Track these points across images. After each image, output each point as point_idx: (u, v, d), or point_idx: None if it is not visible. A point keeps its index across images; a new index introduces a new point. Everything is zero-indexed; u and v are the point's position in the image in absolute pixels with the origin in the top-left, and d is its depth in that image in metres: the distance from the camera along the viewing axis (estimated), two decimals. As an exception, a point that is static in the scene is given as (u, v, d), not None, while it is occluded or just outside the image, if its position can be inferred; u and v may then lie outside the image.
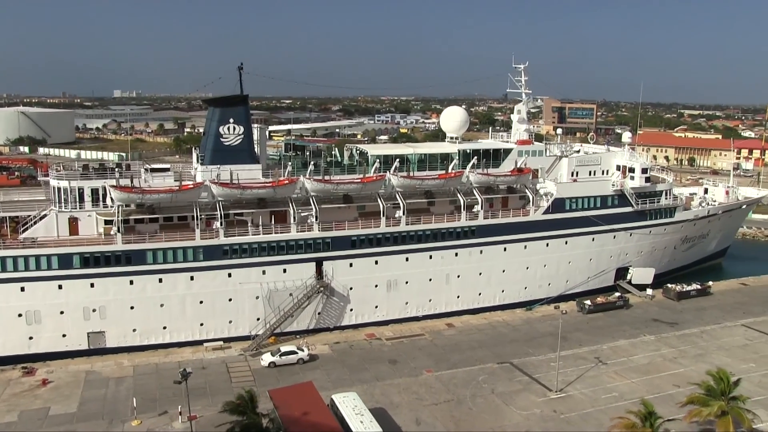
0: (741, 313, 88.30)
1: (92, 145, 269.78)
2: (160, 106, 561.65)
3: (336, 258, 77.28)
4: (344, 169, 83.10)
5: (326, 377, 65.02)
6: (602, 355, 72.56)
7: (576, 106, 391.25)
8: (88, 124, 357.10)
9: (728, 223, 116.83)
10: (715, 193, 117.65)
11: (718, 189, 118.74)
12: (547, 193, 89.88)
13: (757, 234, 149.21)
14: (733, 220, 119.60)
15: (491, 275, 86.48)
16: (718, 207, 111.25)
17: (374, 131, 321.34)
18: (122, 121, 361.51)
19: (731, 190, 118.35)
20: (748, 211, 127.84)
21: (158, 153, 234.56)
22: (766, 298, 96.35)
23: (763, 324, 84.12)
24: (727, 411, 50.90)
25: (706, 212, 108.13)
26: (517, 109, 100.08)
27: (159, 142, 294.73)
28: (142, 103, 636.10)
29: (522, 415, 58.25)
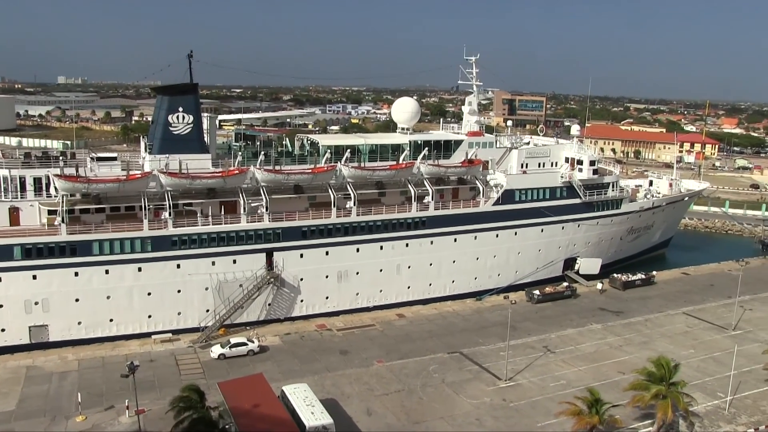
0: (682, 302, 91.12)
1: (35, 132, 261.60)
2: (107, 94, 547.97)
3: (286, 249, 76.83)
4: (295, 159, 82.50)
5: (277, 369, 64.70)
6: (550, 343, 73.89)
7: (526, 98, 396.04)
8: (30, 110, 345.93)
9: (672, 214, 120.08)
10: (660, 185, 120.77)
11: (662, 181, 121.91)
12: (497, 185, 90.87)
13: (697, 225, 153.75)
14: (676, 212, 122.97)
15: (442, 266, 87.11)
16: (662, 199, 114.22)
17: (325, 121, 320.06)
18: (67, 109, 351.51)
19: (674, 182, 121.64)
20: (690, 203, 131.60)
21: (105, 141, 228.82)
22: (705, 286, 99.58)
23: (703, 311, 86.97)
24: (666, 395, 52.72)
25: (651, 204, 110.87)
26: (468, 101, 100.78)
27: (106, 130, 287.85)
28: (88, 90, 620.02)
29: (472, 404, 58.97)
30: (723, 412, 59.60)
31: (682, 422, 56.41)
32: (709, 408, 60.09)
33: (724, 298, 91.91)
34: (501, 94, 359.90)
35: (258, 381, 55.88)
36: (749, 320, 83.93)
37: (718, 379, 65.40)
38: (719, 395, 62.04)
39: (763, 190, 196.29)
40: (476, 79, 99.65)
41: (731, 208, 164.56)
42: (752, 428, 56.45)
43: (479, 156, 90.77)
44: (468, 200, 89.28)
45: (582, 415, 50.69)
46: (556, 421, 54.97)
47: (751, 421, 58.22)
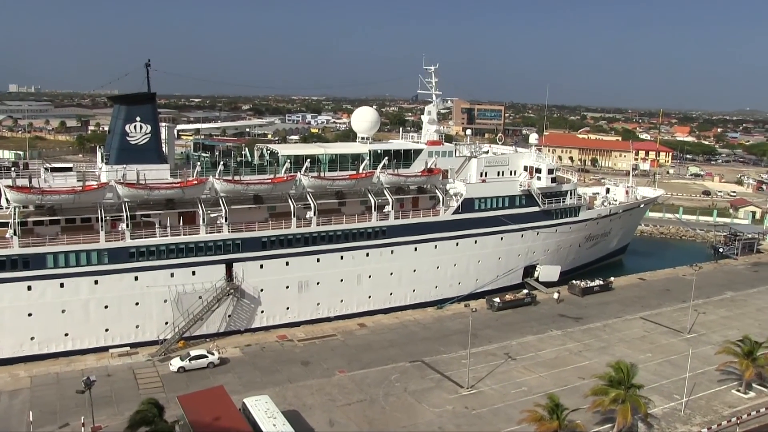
0: (639, 307, 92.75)
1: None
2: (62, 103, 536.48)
3: (246, 259, 76.16)
4: (254, 169, 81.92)
5: (237, 380, 63.97)
6: (511, 350, 74.47)
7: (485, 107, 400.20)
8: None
9: (628, 221, 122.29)
10: (616, 193, 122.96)
11: (618, 189, 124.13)
12: (457, 194, 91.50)
13: (653, 231, 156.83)
14: (633, 219, 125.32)
15: (402, 275, 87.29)
16: (619, 206, 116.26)
17: (285, 131, 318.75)
18: (19, 118, 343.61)
19: (631, 189, 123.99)
20: (646, 210, 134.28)
21: (60, 152, 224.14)
22: (661, 291, 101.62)
23: (659, 316, 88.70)
24: (625, 399, 53.67)
25: (608, 211, 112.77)
26: (428, 110, 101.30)
27: (60, 140, 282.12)
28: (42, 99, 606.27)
29: (434, 413, 59.07)
30: (679, 413, 60.85)
31: (641, 425, 57.42)
32: (666, 410, 61.29)
33: (679, 302, 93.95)
34: (460, 103, 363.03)
35: (218, 393, 55.24)
36: (703, 323, 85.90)
37: (674, 381, 66.72)
38: (675, 397, 63.32)
39: (714, 196, 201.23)
40: (435, 88, 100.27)
41: (685, 215, 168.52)
42: (706, 428, 57.74)
43: (439, 165, 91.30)
44: (428, 209, 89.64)
45: (543, 420, 51.23)
46: (518, 428, 55.40)
47: (705, 421, 59.63)
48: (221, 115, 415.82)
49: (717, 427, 58.41)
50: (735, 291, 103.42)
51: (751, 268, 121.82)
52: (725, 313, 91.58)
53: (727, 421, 59.34)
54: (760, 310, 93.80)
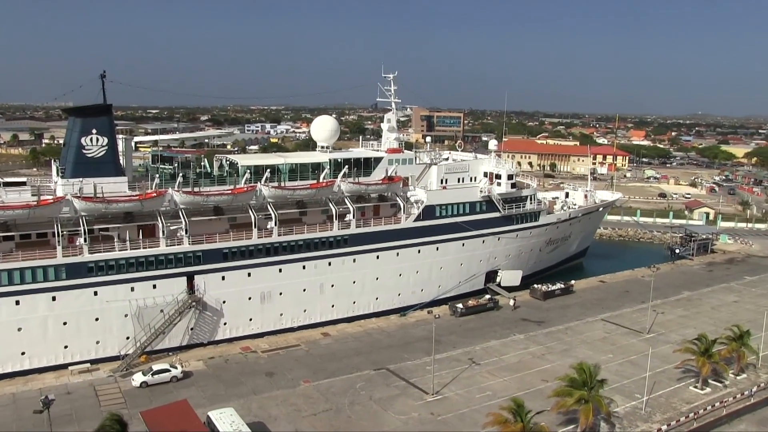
0: (600, 309, 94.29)
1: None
2: (14, 116, 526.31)
3: (208, 271, 75.46)
4: (214, 180, 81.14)
5: (201, 394, 63.27)
6: (475, 356, 74.98)
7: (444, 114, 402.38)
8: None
9: (588, 224, 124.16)
10: (575, 197, 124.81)
11: (577, 193, 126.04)
12: (418, 201, 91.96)
13: (612, 234, 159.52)
14: (592, 222, 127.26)
15: (365, 283, 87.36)
16: (578, 210, 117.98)
17: (244, 141, 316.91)
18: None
19: (589, 193, 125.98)
20: (605, 213, 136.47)
21: (12, 166, 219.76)
22: (621, 293, 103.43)
23: (619, 317, 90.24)
24: (588, 399, 54.45)
25: (568, 215, 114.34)
26: (387, 118, 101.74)
27: (13, 154, 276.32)
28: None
29: (400, 420, 59.19)
30: (640, 411, 62.00)
31: (603, 424, 58.32)
32: (627, 409, 62.37)
33: (638, 303, 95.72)
34: (419, 110, 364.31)
35: (182, 408, 54.58)
36: (661, 323, 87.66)
37: (634, 381, 67.94)
38: (636, 396, 64.48)
39: (670, 198, 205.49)
40: (395, 96, 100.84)
41: (642, 217, 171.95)
42: (665, 425, 58.89)
43: (399, 173, 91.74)
44: (389, 217, 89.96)
45: (508, 423, 51.66)
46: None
47: (665, 418, 60.88)
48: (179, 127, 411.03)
49: (676, 423, 59.67)
50: (691, 291, 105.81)
51: (706, 268, 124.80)
52: (682, 313, 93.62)
53: (685, 417, 60.68)
54: (714, 309, 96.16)
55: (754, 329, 75.62)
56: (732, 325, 74.00)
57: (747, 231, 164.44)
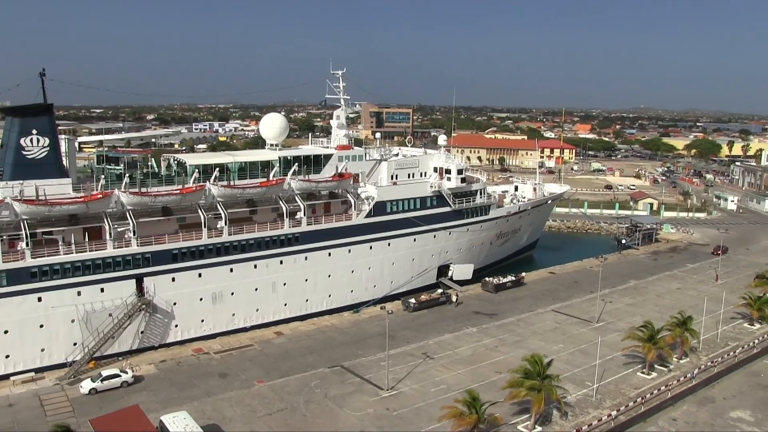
0: (551, 300, 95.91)
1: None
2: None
3: (157, 273, 74.15)
4: (162, 180, 79.64)
5: (154, 398, 62.15)
6: (429, 350, 75.41)
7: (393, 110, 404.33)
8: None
9: (537, 217, 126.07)
10: (524, 190, 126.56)
11: (526, 186, 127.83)
12: (369, 197, 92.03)
13: (560, 226, 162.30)
14: (541, 215, 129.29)
15: (317, 281, 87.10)
16: (527, 203, 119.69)
17: (192, 140, 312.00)
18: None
19: (538, 187, 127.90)
20: (553, 206, 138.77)
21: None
22: (570, 283, 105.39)
23: (569, 308, 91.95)
24: (540, 389, 55.30)
25: (517, 208, 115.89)
26: (336, 115, 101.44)
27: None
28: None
29: (356, 417, 59.17)
30: (591, 399, 63.34)
31: (556, 413, 59.36)
32: (579, 397, 63.64)
33: (587, 293, 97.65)
34: (368, 107, 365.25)
35: (134, 413, 53.59)
36: (610, 312, 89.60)
37: (585, 369, 69.34)
38: (587, 384, 65.81)
39: (616, 190, 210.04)
40: (343, 92, 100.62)
41: (589, 209, 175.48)
42: (615, 410, 60.29)
43: (349, 169, 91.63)
44: (340, 214, 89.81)
45: (463, 416, 52.16)
46: (439, 425, 56.04)
47: (614, 403, 62.37)
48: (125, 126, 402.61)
49: (625, 408, 61.13)
50: (637, 279, 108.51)
51: (651, 257, 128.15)
52: (629, 301, 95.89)
53: (633, 402, 62.32)
54: (659, 296, 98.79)
55: (695, 314, 78.17)
56: (676, 311, 76.11)
57: (688, 220, 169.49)
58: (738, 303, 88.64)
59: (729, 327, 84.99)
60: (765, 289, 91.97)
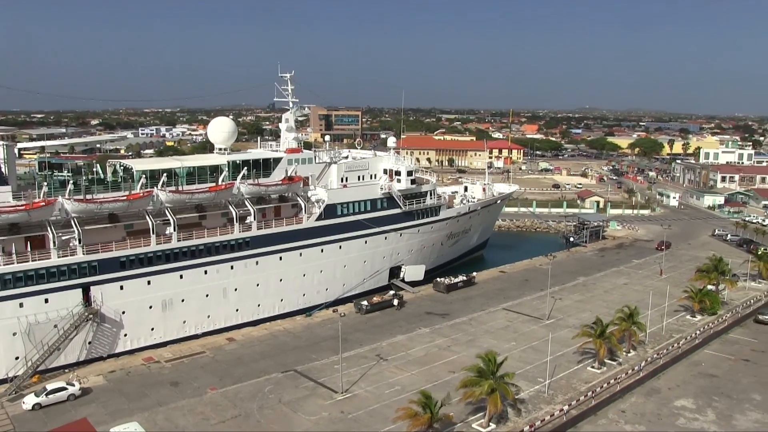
0: (502, 298, 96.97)
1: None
2: None
3: (105, 282, 72.44)
4: (108, 186, 77.81)
5: (103, 410, 60.62)
6: (382, 352, 75.49)
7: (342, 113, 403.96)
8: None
9: (487, 217, 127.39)
10: (474, 190, 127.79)
11: (476, 187, 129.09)
12: (319, 200, 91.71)
13: (510, 225, 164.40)
14: (491, 215, 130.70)
15: (269, 285, 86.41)
16: (477, 203, 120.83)
17: (139, 145, 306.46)
18: None
19: (487, 187, 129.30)
20: (503, 206, 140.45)
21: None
22: (521, 282, 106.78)
23: (520, 306, 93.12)
24: (495, 388, 55.82)
25: (467, 209, 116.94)
26: (285, 118, 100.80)
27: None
28: None
29: (311, 421, 58.85)
30: (543, 395, 64.27)
31: (510, 410, 60.01)
32: (531, 393, 64.46)
33: (537, 291, 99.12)
34: (317, 110, 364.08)
35: (82, 427, 52.56)
36: (560, 309, 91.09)
37: (537, 366, 70.28)
38: (539, 380, 66.72)
39: (563, 189, 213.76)
40: (292, 95, 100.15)
41: (538, 208, 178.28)
42: (567, 405, 61.27)
43: (299, 172, 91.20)
44: (291, 217, 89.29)
45: (417, 416, 52.31)
46: (394, 427, 56.18)
47: (566, 398, 63.40)
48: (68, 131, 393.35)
49: (576, 402, 62.20)
50: (586, 276, 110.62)
51: (599, 254, 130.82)
52: (578, 298, 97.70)
53: (584, 396, 63.40)
54: (607, 292, 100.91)
55: (642, 308, 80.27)
56: (623, 306, 77.78)
57: (633, 217, 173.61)
58: (681, 296, 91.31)
59: (673, 319, 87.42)
60: (705, 282, 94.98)
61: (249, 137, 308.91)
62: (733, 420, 62.27)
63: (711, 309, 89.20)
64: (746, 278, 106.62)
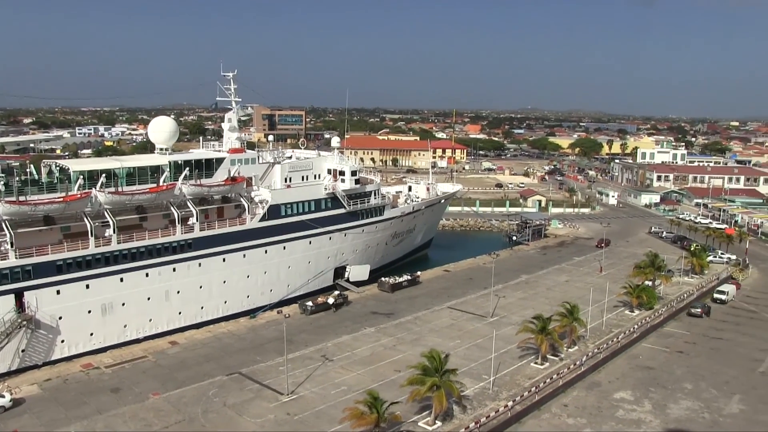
0: (446, 297, 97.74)
1: None
2: None
3: (40, 286, 69.99)
4: (43, 187, 75.30)
5: (37, 421, 58.52)
6: (328, 352, 75.22)
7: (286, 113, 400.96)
8: None
9: (431, 217, 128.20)
10: (418, 190, 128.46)
11: (420, 186, 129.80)
12: (263, 201, 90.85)
13: (454, 225, 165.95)
14: (435, 214, 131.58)
15: (212, 287, 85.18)
16: (421, 203, 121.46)
17: (76, 145, 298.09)
18: None
19: (431, 186, 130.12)
20: (446, 205, 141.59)
21: None
22: (465, 280, 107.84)
23: (464, 304, 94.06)
24: (440, 385, 56.20)
25: (412, 208, 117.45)
26: (228, 118, 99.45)
27: None
28: None
29: (257, 423, 58.23)
30: (488, 391, 65.09)
31: (456, 407, 60.55)
32: (476, 390, 65.23)
33: (481, 289, 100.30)
34: (260, 109, 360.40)
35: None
36: (503, 306, 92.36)
37: (481, 363, 71.14)
38: (484, 377, 67.55)
39: (506, 188, 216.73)
40: (235, 95, 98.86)
41: (481, 207, 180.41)
42: (511, 401, 62.17)
43: (242, 173, 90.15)
44: (234, 218, 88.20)
45: (364, 416, 52.30)
46: (340, 427, 56.09)
47: (510, 394, 64.35)
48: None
49: (520, 398, 63.18)
50: (528, 274, 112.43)
51: (541, 252, 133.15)
52: (521, 295, 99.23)
53: (528, 392, 64.48)
54: (549, 289, 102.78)
55: (582, 304, 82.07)
56: (564, 302, 79.32)
57: (574, 215, 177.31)
58: (619, 292, 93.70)
59: (612, 315, 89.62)
60: (642, 278, 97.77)
61: (191, 137, 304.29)
62: (668, 409, 64.69)
63: (648, 304, 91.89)
64: (680, 273, 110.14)
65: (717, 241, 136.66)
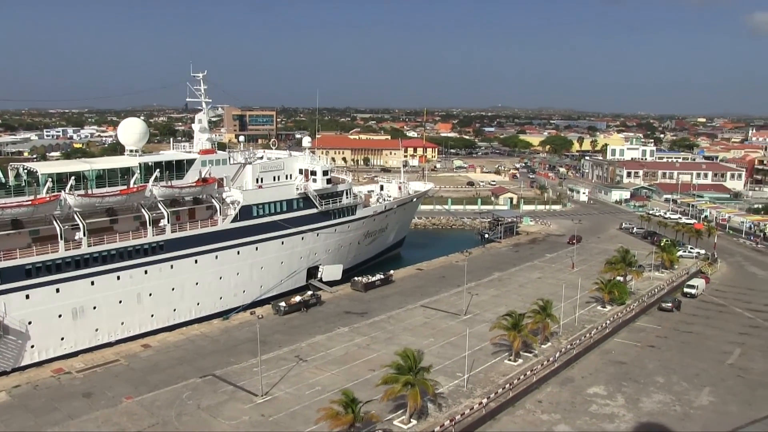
0: (419, 295, 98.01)
1: None
2: None
3: (8, 291, 68.95)
4: (10, 191, 74.21)
5: (4, 429, 57.55)
6: (302, 353, 75.08)
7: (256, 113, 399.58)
8: None
9: (403, 215, 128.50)
10: (390, 189, 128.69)
11: (392, 185, 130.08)
12: (234, 202, 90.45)
13: (426, 223, 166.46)
14: (407, 213, 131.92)
15: (184, 289, 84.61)
16: (393, 202, 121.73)
17: (44, 147, 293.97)
18: None
19: (403, 185, 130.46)
20: (419, 204, 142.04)
21: None
22: (438, 278, 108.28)
23: (437, 302, 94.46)
24: (414, 383, 56.40)
25: (384, 207, 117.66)
26: (198, 119, 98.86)
27: None
28: None
29: (231, 425, 57.96)
30: (462, 389, 65.36)
31: (431, 405, 60.77)
32: (451, 388, 65.50)
33: (454, 287, 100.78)
34: (231, 110, 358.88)
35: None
36: (476, 304, 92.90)
37: (455, 361, 71.47)
38: (458, 375, 67.91)
39: (478, 186, 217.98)
40: (205, 96, 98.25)
41: (453, 205, 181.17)
42: (486, 398, 62.57)
43: (213, 174, 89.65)
44: (206, 220, 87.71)
45: (339, 416, 52.30)
46: (316, 428, 55.96)
47: (485, 391, 64.66)
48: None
49: (495, 395, 63.59)
50: (501, 271, 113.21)
51: (513, 249, 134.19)
52: (494, 292, 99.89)
53: (502, 388, 64.91)
54: (521, 286, 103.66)
55: (555, 301, 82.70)
56: (537, 299, 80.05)
57: (545, 212, 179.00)
58: (591, 288, 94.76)
59: (585, 311, 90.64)
60: (613, 273, 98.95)
61: (161, 138, 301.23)
62: (640, 403, 65.51)
63: (619, 299, 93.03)
64: (651, 268, 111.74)
65: (686, 236, 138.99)
